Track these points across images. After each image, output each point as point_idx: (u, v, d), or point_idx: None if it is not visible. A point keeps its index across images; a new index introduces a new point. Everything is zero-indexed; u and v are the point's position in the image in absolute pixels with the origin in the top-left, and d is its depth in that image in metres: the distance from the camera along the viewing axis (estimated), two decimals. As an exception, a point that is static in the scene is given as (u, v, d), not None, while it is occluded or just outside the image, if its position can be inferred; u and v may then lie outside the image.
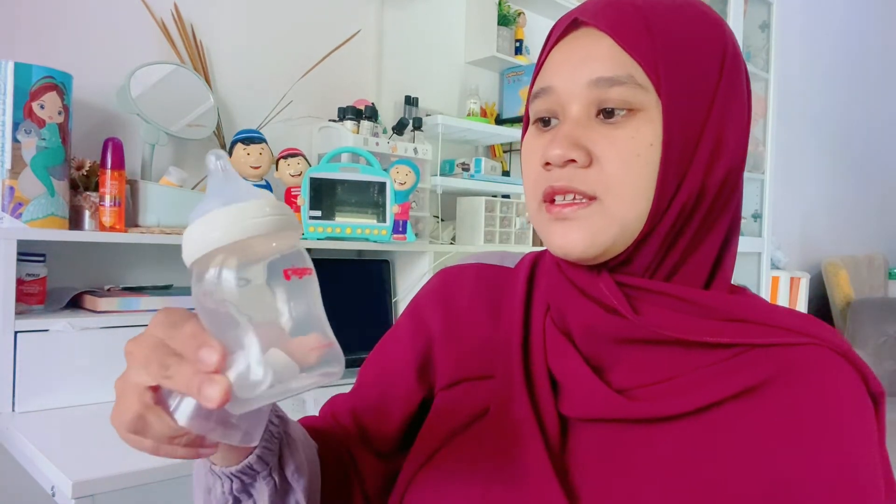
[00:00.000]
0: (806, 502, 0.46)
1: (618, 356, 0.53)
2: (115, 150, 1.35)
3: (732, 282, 0.57)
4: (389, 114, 2.09)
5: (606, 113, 0.50)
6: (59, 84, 1.28)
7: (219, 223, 0.36)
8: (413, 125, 1.93)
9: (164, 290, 1.51)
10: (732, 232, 0.55)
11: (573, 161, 0.50)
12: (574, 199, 0.51)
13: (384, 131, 1.89)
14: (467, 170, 2.14)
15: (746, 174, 2.83)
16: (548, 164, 0.52)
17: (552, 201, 0.53)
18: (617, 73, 0.49)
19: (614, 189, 0.50)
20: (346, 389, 0.67)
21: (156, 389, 0.37)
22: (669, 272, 0.53)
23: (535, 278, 0.62)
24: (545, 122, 0.54)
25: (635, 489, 0.49)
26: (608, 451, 0.51)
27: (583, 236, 0.51)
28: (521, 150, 0.59)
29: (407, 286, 1.90)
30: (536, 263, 0.63)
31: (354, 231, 1.67)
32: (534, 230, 1.55)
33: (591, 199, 0.51)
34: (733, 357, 0.51)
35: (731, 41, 0.53)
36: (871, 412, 0.49)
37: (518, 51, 2.34)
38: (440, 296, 0.65)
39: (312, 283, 0.39)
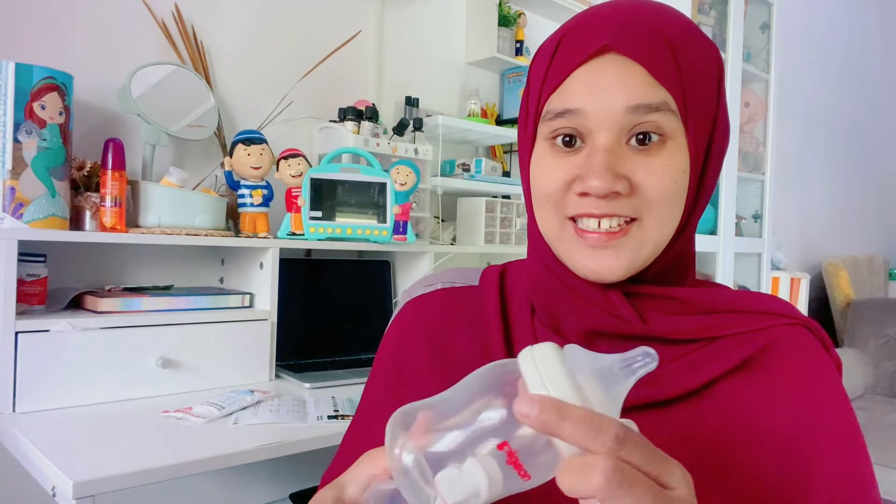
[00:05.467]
0: (815, 453, 0.51)
1: (616, 351, 0.54)
2: (115, 150, 1.35)
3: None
4: (390, 114, 2.09)
5: (639, 140, 0.51)
6: (59, 84, 1.28)
7: None
8: (413, 126, 1.93)
9: (165, 290, 1.51)
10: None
11: (615, 192, 0.51)
12: (611, 226, 0.52)
13: (385, 132, 1.89)
14: (468, 170, 2.14)
15: (747, 175, 2.84)
16: (584, 193, 0.52)
17: (573, 220, 0.53)
18: (654, 101, 0.51)
19: (654, 212, 0.52)
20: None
21: None
22: (668, 275, 0.56)
23: (507, 289, 0.62)
24: (567, 142, 0.53)
25: None
26: None
27: (621, 263, 0.52)
28: (527, 162, 0.57)
29: (407, 287, 1.90)
30: (504, 274, 0.64)
31: (355, 232, 1.67)
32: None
33: (631, 220, 0.52)
34: (721, 338, 0.55)
35: (722, 62, 0.57)
36: (837, 375, 0.56)
37: (518, 52, 2.34)
38: (419, 328, 0.64)
39: None
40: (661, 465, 0.34)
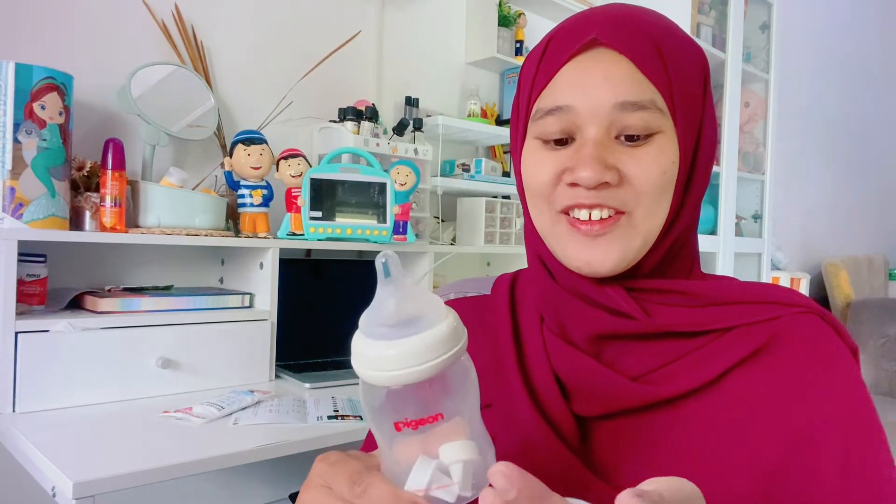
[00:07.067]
0: (824, 442, 0.50)
1: (623, 351, 0.55)
2: (115, 150, 1.35)
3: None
4: (390, 114, 2.09)
5: (628, 137, 0.52)
6: (59, 85, 1.28)
7: (413, 356, 0.36)
8: (413, 126, 1.93)
9: (165, 290, 1.51)
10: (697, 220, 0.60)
11: (605, 183, 0.51)
12: (602, 215, 0.52)
13: (384, 132, 1.90)
14: (468, 170, 2.14)
15: (747, 175, 2.84)
16: (574, 183, 0.52)
17: (567, 212, 0.53)
18: (641, 98, 0.51)
19: (644, 204, 0.52)
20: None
21: None
22: (667, 269, 0.56)
23: (517, 297, 0.63)
24: (559, 140, 0.54)
25: (671, 471, 0.50)
26: (632, 441, 0.52)
27: (613, 255, 0.53)
28: (519, 161, 0.58)
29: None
30: (515, 283, 0.64)
31: (355, 232, 1.67)
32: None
33: (620, 213, 0.52)
34: (729, 332, 0.55)
35: (707, 63, 0.58)
36: (853, 360, 0.55)
37: (518, 51, 2.34)
38: None
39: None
40: None
